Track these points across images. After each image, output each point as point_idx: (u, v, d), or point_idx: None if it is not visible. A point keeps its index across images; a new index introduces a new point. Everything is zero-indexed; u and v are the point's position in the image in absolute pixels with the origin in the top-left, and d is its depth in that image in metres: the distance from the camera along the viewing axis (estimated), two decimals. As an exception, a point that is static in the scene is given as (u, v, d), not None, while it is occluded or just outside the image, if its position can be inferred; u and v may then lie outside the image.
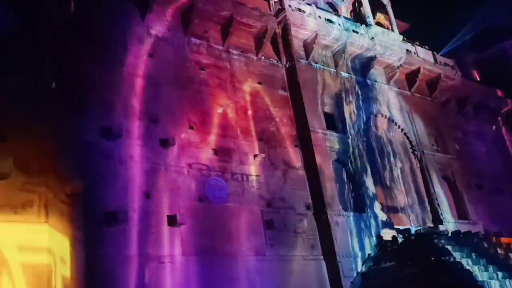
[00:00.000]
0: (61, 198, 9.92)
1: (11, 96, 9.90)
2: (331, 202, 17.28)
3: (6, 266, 8.57)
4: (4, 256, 8.62)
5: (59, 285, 9.11)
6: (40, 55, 10.90)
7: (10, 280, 8.53)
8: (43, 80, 10.77)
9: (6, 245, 8.70)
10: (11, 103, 9.86)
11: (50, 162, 9.94)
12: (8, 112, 9.75)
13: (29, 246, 8.98)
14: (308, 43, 20.19)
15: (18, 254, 8.79)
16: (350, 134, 19.75)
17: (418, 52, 24.78)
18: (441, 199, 21.81)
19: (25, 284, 8.64)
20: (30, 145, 9.72)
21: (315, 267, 16.20)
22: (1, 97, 9.76)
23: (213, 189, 15.21)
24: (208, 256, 14.01)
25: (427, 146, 23.10)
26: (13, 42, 10.49)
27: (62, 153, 10.52)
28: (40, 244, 9.16)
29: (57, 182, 9.96)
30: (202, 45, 17.42)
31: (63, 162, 10.44)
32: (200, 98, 16.46)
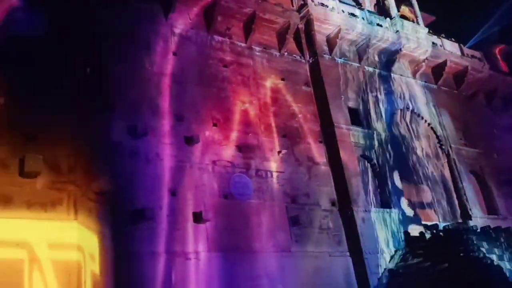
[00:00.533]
0: (89, 196, 10.11)
1: (41, 96, 10.13)
2: (356, 198, 17.14)
3: (37, 263, 8.79)
4: (35, 252, 8.84)
5: (89, 281, 9.30)
6: (70, 56, 11.10)
7: (41, 276, 8.74)
8: (73, 81, 10.96)
9: (37, 242, 8.92)
10: (41, 103, 10.08)
11: (78, 161, 10.11)
12: (39, 113, 9.97)
13: (59, 243, 9.18)
14: (332, 38, 20.03)
15: (49, 250, 9.00)
16: (375, 129, 19.53)
17: (444, 44, 24.31)
18: (469, 194, 21.39)
19: (55, 280, 8.84)
20: (60, 145, 9.92)
21: (341, 263, 16.10)
22: (32, 98, 9.98)
23: (238, 186, 15.25)
24: (233, 253, 14.07)
25: (455, 140, 22.68)
26: (45, 43, 10.71)
27: (90, 152, 10.69)
28: (70, 241, 9.35)
29: (86, 180, 10.14)
30: (225, 42, 17.48)
31: (91, 160, 10.61)
32: (223, 95, 16.52)
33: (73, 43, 11.49)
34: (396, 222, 17.84)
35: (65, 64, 11.04)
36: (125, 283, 11.27)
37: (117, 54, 14.25)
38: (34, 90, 10.16)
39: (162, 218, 13.14)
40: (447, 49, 24.17)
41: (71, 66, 11.26)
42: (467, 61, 24.70)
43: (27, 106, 9.84)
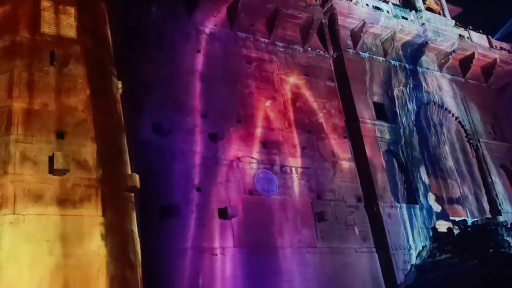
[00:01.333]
0: (117, 192, 10.26)
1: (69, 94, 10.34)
2: (382, 194, 16.97)
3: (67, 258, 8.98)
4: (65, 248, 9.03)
5: (116, 276, 9.45)
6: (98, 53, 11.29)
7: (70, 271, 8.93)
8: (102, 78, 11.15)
9: (66, 239, 9.11)
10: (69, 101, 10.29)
11: (106, 158, 10.29)
12: (67, 110, 10.18)
13: (88, 240, 9.35)
14: (356, 32, 19.83)
15: (78, 247, 9.18)
16: (401, 124, 19.28)
17: (471, 36, 23.78)
18: (499, 188, 20.93)
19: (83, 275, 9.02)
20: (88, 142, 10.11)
21: (368, 259, 15.97)
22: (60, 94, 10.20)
23: (263, 182, 15.28)
24: (259, 249, 14.12)
25: (484, 134, 22.22)
26: (74, 41, 10.94)
27: (118, 149, 10.86)
28: (98, 238, 9.50)
29: (113, 177, 10.30)
30: (248, 39, 17.49)
31: (118, 158, 10.77)
32: (247, 91, 16.55)
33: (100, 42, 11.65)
34: (423, 217, 17.60)
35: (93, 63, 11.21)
36: (152, 279, 11.42)
37: (143, 53, 14.45)
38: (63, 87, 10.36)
39: (188, 214, 13.29)
40: (474, 41, 23.63)
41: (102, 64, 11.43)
42: (496, 53, 24.10)
43: (56, 104, 10.05)
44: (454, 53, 22.51)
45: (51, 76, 10.36)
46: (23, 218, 8.93)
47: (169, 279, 12.19)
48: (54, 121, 9.94)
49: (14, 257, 8.62)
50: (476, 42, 23.71)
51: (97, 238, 9.45)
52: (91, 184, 9.78)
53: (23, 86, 9.97)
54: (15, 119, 9.64)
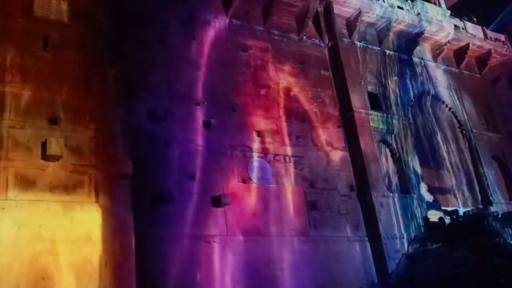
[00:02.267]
0: (110, 179, 10.23)
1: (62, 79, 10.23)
2: (375, 183, 17.06)
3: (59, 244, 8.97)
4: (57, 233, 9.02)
5: (109, 262, 9.46)
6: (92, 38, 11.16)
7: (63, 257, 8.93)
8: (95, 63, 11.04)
9: (58, 225, 9.09)
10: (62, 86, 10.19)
11: (99, 144, 10.23)
12: (59, 96, 10.09)
13: (80, 226, 9.34)
14: (351, 21, 19.77)
15: (71, 232, 9.17)
16: (395, 114, 19.33)
17: (467, 27, 23.81)
18: (490, 179, 21.11)
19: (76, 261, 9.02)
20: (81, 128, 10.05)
21: (360, 248, 16.10)
22: (53, 80, 10.10)
23: (256, 170, 15.32)
24: (252, 237, 14.19)
25: (477, 125, 22.33)
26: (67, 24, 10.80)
27: (111, 136, 10.81)
28: (91, 224, 9.49)
29: (106, 163, 10.26)
30: (244, 26, 17.39)
31: (112, 144, 10.73)
32: (242, 79, 16.49)
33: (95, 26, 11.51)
34: (415, 207, 17.72)
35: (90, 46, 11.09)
36: (146, 265, 11.45)
37: (137, 39, 14.32)
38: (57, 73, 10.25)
39: (181, 202, 13.30)
40: (469, 32, 23.66)
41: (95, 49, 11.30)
42: (490, 44, 24.16)
43: (49, 90, 9.95)
44: (449, 43, 22.53)
45: (44, 61, 10.22)
46: (15, 204, 8.88)
47: (161, 266, 12.23)
48: (47, 107, 9.84)
49: (6, 243, 8.59)
50: (471, 33, 23.74)
51: (90, 224, 9.44)
52: (84, 170, 9.73)
53: (15, 71, 9.83)
54: (7, 104, 9.52)
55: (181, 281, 12.42)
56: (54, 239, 8.96)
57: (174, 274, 12.42)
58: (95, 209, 9.60)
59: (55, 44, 10.42)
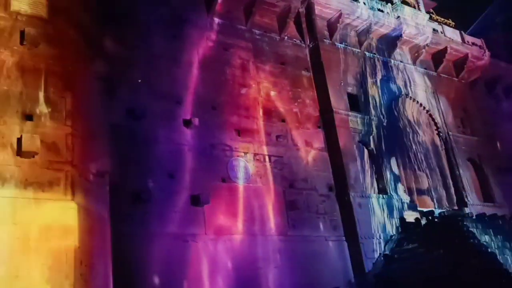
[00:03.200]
0: (87, 177, 10.11)
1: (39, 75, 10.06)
2: (354, 184, 17.23)
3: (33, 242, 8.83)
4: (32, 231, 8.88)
5: (85, 261, 9.35)
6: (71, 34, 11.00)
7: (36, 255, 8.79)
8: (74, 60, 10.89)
9: (33, 222, 8.94)
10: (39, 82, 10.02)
11: (77, 141, 10.10)
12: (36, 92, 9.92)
13: (56, 223, 9.20)
14: (332, 22, 19.91)
15: (45, 230, 9.03)
16: (373, 115, 19.55)
17: (445, 31, 24.20)
18: (466, 181, 21.49)
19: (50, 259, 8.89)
20: (57, 124, 9.89)
21: (337, 248, 16.23)
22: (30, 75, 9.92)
23: (236, 169, 15.30)
24: (231, 235, 14.18)
25: (453, 127, 22.72)
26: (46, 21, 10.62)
27: (89, 133, 10.67)
28: (67, 222, 9.36)
29: (84, 161, 10.13)
30: (226, 25, 17.35)
31: (90, 142, 10.60)
32: (223, 78, 16.47)
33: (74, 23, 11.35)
34: (393, 208, 17.95)
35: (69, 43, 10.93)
36: (123, 264, 11.35)
37: (118, 37, 14.14)
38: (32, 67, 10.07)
39: (160, 201, 13.20)
40: (447, 36, 24.05)
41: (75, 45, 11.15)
42: (468, 48, 24.60)
43: (25, 85, 9.77)
44: (427, 47, 22.86)
45: (21, 56, 10.04)
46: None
47: (140, 265, 12.12)
48: (23, 102, 9.65)
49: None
50: (449, 36, 24.13)
51: (66, 222, 9.30)
52: (60, 167, 9.58)
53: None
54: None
55: (159, 280, 12.33)
56: (28, 237, 8.81)
57: (153, 273, 12.32)
58: (71, 207, 9.46)
59: (33, 39, 10.23)
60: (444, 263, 14.06)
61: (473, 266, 13.52)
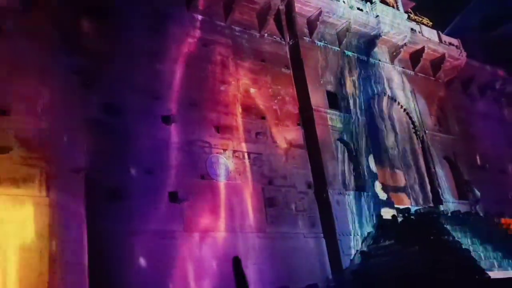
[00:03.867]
0: (63, 173, 9.95)
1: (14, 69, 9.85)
2: (332, 181, 17.35)
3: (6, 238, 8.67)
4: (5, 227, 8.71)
5: (59, 258, 9.21)
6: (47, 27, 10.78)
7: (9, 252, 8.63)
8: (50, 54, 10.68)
9: (7, 218, 8.78)
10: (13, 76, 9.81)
11: (52, 137, 9.93)
12: (11, 86, 9.72)
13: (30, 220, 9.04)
14: (312, 20, 19.97)
15: (19, 226, 8.87)
16: (352, 113, 19.69)
17: (423, 31, 24.48)
18: (441, 179, 21.84)
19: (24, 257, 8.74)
20: (32, 119, 9.71)
21: (315, 244, 16.34)
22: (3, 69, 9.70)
23: (215, 166, 15.26)
24: (210, 232, 14.15)
25: (430, 126, 23.04)
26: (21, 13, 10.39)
27: (65, 128, 10.50)
28: (41, 218, 9.20)
29: (59, 157, 9.97)
30: (205, 21, 17.24)
31: (65, 137, 10.43)
32: (202, 75, 16.38)
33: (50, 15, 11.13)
34: (370, 205, 18.13)
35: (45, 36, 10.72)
36: (100, 261, 11.22)
37: (96, 31, 13.96)
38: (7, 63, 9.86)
39: (138, 197, 13.07)
40: (425, 36, 24.34)
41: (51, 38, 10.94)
42: (445, 48, 24.94)
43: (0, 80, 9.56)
44: (405, 46, 23.11)
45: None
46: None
47: (116, 262, 11.98)
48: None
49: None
50: (427, 36, 24.43)
51: (40, 219, 9.15)
52: (35, 163, 9.44)
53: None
54: (-46, 93, 9.10)
55: (137, 277, 12.23)
56: (2, 233, 8.64)
57: (130, 270, 12.21)
58: (46, 204, 9.32)
59: (8, 32, 10.02)
60: (419, 259, 14.27)
61: (447, 262, 13.76)
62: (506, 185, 25.72)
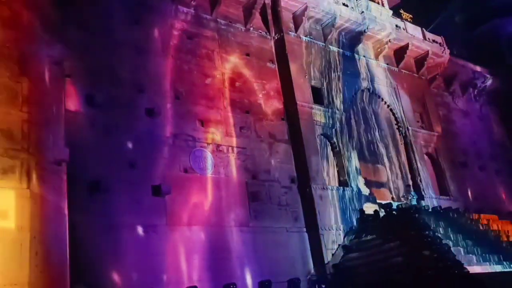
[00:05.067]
0: (44, 165, 9.81)
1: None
2: (315, 176, 17.43)
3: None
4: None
5: (40, 251, 9.11)
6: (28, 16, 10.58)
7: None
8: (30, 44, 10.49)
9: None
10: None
11: (33, 128, 9.78)
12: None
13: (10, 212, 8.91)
14: (298, 15, 19.98)
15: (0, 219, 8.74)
16: (336, 109, 19.78)
17: (407, 28, 24.66)
18: (423, 175, 22.09)
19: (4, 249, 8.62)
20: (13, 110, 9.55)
21: (298, 239, 16.43)
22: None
23: (198, 160, 15.21)
24: (193, 226, 14.12)
25: (412, 122, 23.27)
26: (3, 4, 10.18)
27: (46, 120, 10.35)
28: (22, 211, 9.08)
29: (40, 149, 9.83)
30: (190, 13, 17.13)
31: (47, 129, 10.28)
32: (187, 68, 16.28)
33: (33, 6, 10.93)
34: (352, 200, 18.28)
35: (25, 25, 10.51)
36: (81, 254, 11.13)
37: (78, 21, 13.77)
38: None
39: (120, 190, 12.98)
40: (409, 33, 24.53)
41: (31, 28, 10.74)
42: (428, 45, 25.19)
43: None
44: (390, 43, 23.25)
45: (-26, 39, 9.63)
46: None
47: (98, 255, 11.91)
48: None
49: None
50: (411, 33, 24.62)
51: (21, 211, 9.02)
52: (16, 155, 9.28)
53: None
54: None
55: (118, 271, 12.16)
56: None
57: (112, 263, 12.15)
58: (27, 196, 9.18)
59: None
60: (400, 253, 14.44)
61: (427, 257, 13.95)
62: (485, 181, 26.14)
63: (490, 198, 25.41)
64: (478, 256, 16.04)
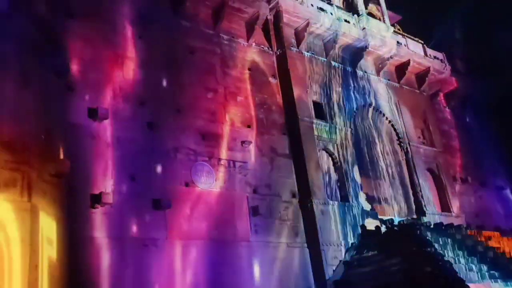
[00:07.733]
0: (45, 177, 9.79)
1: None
2: (316, 191, 17.37)
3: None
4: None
5: (45, 265, 9.05)
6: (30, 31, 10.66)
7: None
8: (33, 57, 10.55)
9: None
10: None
11: (34, 140, 9.78)
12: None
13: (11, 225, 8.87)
14: (300, 31, 20.12)
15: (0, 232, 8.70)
16: (337, 124, 19.80)
17: (408, 44, 24.81)
18: (425, 191, 22.03)
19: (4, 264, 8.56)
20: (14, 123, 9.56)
21: (299, 254, 16.32)
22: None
23: (200, 174, 15.19)
24: (193, 241, 14.04)
25: (414, 138, 23.27)
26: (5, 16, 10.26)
27: (47, 132, 10.36)
28: (23, 224, 9.04)
29: (41, 161, 9.82)
30: (192, 28, 17.24)
31: (48, 141, 10.29)
32: (188, 81, 16.33)
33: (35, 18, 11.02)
34: (354, 215, 18.19)
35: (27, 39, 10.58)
36: (82, 268, 11.06)
37: (81, 35, 13.88)
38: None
39: (120, 204, 12.93)
40: (411, 49, 24.67)
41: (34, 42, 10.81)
42: (430, 61, 25.30)
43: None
44: (391, 59, 23.39)
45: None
46: None
47: (97, 270, 11.83)
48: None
49: None
50: (412, 50, 24.76)
51: (21, 224, 8.98)
52: (17, 167, 9.26)
53: None
54: None
55: (118, 285, 12.06)
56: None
57: (112, 277, 12.04)
58: (28, 209, 9.15)
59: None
60: (401, 270, 14.33)
61: (428, 273, 13.84)
62: (486, 198, 26.04)
63: (491, 214, 25.28)
64: (481, 273, 15.91)
